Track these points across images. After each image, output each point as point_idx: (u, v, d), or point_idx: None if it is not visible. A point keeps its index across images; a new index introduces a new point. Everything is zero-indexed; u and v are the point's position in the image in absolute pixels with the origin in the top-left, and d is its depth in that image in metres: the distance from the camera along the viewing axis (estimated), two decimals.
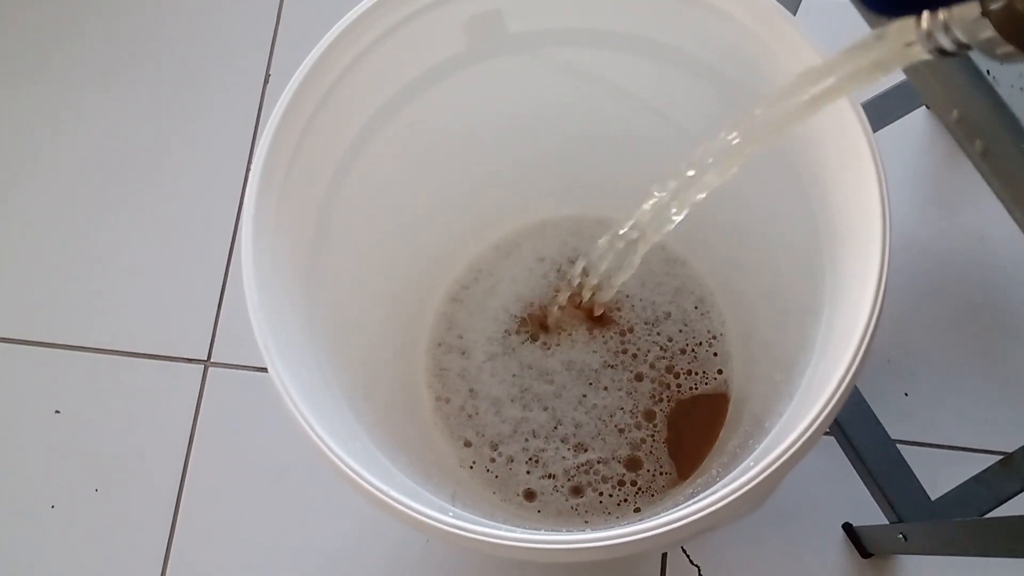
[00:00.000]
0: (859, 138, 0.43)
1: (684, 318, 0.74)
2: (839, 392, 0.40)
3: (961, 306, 0.82)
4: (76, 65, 0.93)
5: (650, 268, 0.75)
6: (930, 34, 0.29)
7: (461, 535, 0.41)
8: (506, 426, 0.72)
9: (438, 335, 0.75)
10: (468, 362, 0.74)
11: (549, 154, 0.69)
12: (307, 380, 0.47)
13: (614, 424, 0.72)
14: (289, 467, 0.79)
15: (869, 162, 0.43)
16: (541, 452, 0.71)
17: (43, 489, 0.80)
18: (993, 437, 0.78)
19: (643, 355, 0.74)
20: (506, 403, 0.73)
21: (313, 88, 0.50)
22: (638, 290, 0.75)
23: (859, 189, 0.43)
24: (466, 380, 0.74)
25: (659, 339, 0.74)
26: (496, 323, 0.75)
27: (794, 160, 0.52)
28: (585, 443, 0.72)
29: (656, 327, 0.74)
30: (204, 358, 0.83)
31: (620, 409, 0.72)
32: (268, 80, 0.91)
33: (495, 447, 0.72)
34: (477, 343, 0.75)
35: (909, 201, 0.85)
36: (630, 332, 0.74)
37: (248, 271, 0.46)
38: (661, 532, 0.39)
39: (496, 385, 0.73)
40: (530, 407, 0.73)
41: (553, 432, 0.72)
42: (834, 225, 0.48)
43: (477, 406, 0.73)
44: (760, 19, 0.48)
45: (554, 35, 0.57)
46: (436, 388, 0.74)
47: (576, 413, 0.72)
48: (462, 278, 0.77)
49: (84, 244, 0.87)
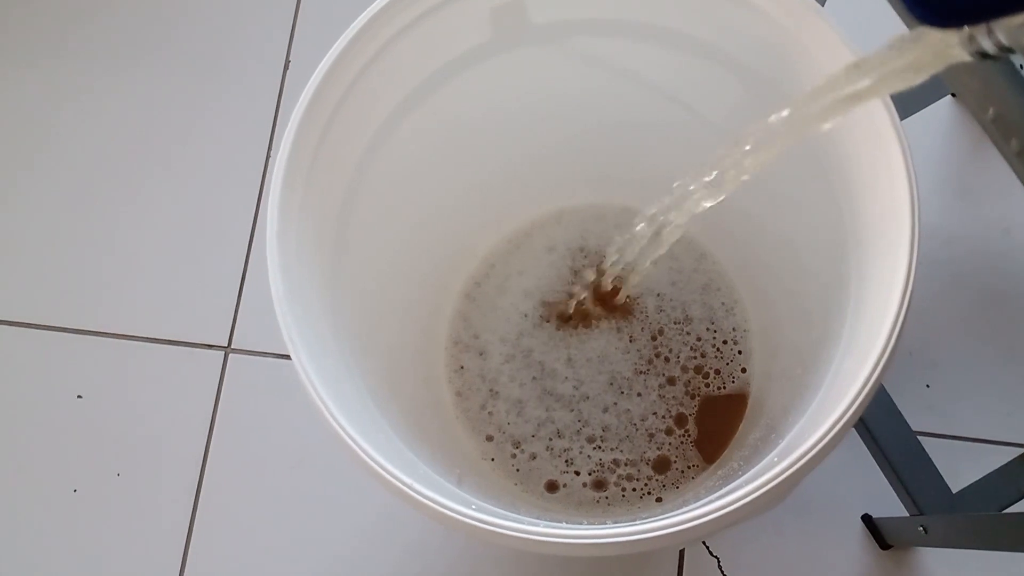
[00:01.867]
0: (889, 135, 0.43)
1: (711, 316, 0.74)
2: (865, 390, 0.40)
3: (984, 298, 0.81)
4: (95, 47, 0.93)
5: (679, 265, 0.75)
6: (972, 37, 0.29)
7: (483, 528, 0.41)
8: (529, 426, 0.72)
9: (455, 333, 0.75)
10: (486, 363, 0.74)
11: (570, 144, 0.68)
12: (331, 371, 0.47)
13: (645, 428, 0.71)
14: (309, 454, 0.80)
15: (899, 159, 0.42)
16: (566, 451, 0.71)
17: (65, 473, 0.81)
18: (1015, 430, 0.77)
19: (675, 357, 0.73)
20: (528, 404, 0.73)
21: (338, 79, 0.50)
22: (668, 289, 0.74)
23: (888, 186, 0.43)
24: (486, 381, 0.74)
25: (688, 339, 0.73)
26: (509, 323, 0.75)
27: (821, 155, 0.51)
28: (613, 445, 0.71)
29: (686, 327, 0.73)
30: (224, 344, 0.83)
31: (653, 414, 0.72)
32: (288, 66, 0.91)
33: (517, 444, 0.72)
34: (492, 343, 0.74)
35: (933, 191, 0.84)
36: (660, 335, 0.73)
37: (273, 262, 0.47)
38: (684, 528, 0.39)
39: (516, 388, 0.73)
40: (553, 408, 0.72)
41: (578, 434, 0.72)
42: (862, 221, 0.48)
43: (498, 406, 0.73)
44: (790, 13, 0.47)
45: (577, 25, 0.57)
46: (456, 384, 0.74)
47: (606, 416, 0.72)
48: (476, 273, 0.76)
49: (104, 230, 0.88)
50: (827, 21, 0.46)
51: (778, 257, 0.66)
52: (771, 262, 0.68)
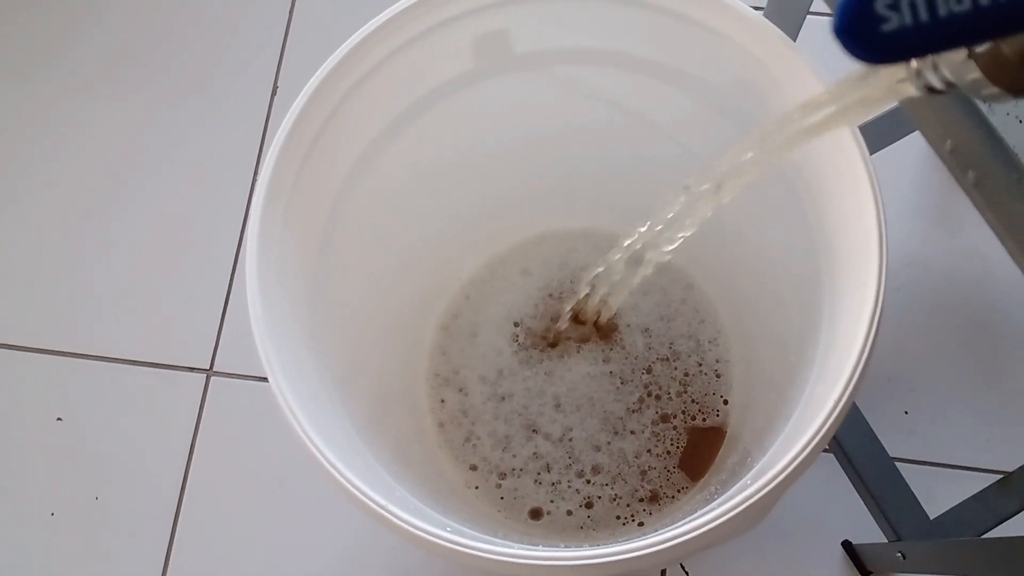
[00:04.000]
0: (857, 165, 0.44)
1: (699, 349, 0.74)
2: (836, 412, 0.41)
3: (962, 325, 0.82)
4: (83, 70, 0.94)
5: (667, 298, 0.75)
6: (919, 72, 0.30)
7: (458, 551, 0.41)
8: (516, 460, 0.72)
9: (434, 366, 0.75)
10: (467, 399, 0.74)
11: (551, 170, 0.69)
12: (307, 393, 0.47)
13: (638, 466, 0.71)
14: (289, 478, 0.80)
15: (867, 188, 0.43)
16: (554, 484, 0.71)
17: (44, 496, 0.81)
18: (993, 456, 0.78)
19: (666, 394, 0.73)
20: (514, 439, 0.72)
21: (321, 104, 0.51)
22: (656, 323, 0.75)
23: (857, 214, 0.43)
24: (468, 417, 0.73)
25: (676, 374, 0.73)
26: (487, 362, 0.74)
27: (795, 186, 0.52)
28: (603, 480, 0.71)
29: (674, 363, 0.74)
30: (207, 367, 0.83)
31: (647, 452, 0.71)
32: (276, 92, 0.92)
33: (503, 476, 0.72)
34: (471, 381, 0.74)
35: (912, 220, 0.86)
36: (647, 372, 0.73)
37: (252, 285, 0.47)
38: (658, 550, 0.40)
39: (501, 424, 0.73)
40: (540, 445, 0.72)
41: (567, 468, 0.71)
42: (833, 250, 0.49)
43: (482, 440, 0.72)
44: (762, 44, 0.48)
45: (559, 55, 0.58)
46: (439, 415, 0.73)
47: (598, 456, 0.72)
48: (452, 305, 0.76)
49: (87, 251, 0.88)
50: (796, 52, 0.47)
51: (757, 287, 0.67)
52: (750, 293, 0.69)
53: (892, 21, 0.26)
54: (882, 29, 0.26)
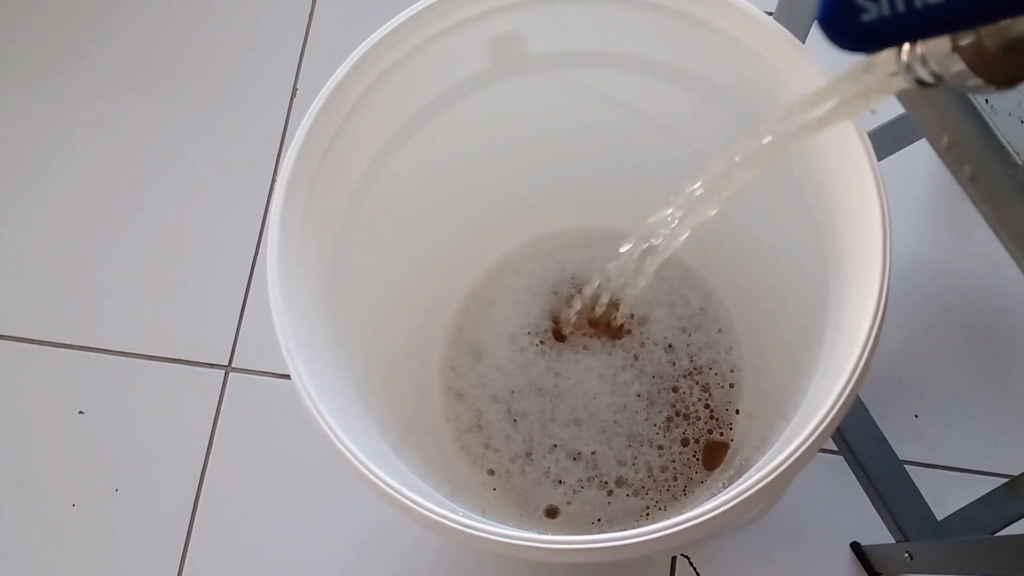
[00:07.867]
0: (863, 163, 0.45)
1: (716, 357, 0.74)
2: (837, 405, 0.41)
3: (973, 329, 0.82)
4: (104, 69, 0.95)
5: (689, 310, 0.75)
6: (909, 66, 0.31)
7: (469, 533, 0.42)
8: (536, 474, 0.73)
9: (446, 379, 0.75)
10: (482, 415, 0.74)
11: (562, 172, 0.70)
12: (329, 385, 0.48)
13: (664, 479, 0.72)
14: (306, 473, 0.81)
15: (872, 186, 0.44)
16: (575, 493, 0.72)
17: (64, 488, 0.82)
18: (1002, 460, 0.78)
19: (693, 412, 0.73)
20: (535, 455, 0.73)
21: (339, 104, 0.52)
22: (679, 337, 0.75)
23: (863, 213, 0.44)
24: (483, 431, 0.74)
25: (698, 383, 0.74)
26: (496, 381, 0.75)
27: (802, 185, 0.53)
28: (627, 492, 0.72)
29: (695, 377, 0.74)
30: (225, 363, 0.85)
31: (672, 463, 0.72)
32: (295, 94, 0.94)
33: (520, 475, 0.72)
34: (483, 400, 0.75)
35: (922, 224, 0.86)
36: (674, 392, 0.74)
37: (273, 276, 0.48)
38: (659, 536, 0.41)
39: (519, 443, 0.73)
40: (561, 462, 0.73)
41: (589, 481, 0.72)
42: (840, 249, 0.50)
43: (500, 451, 0.73)
44: (771, 46, 0.49)
45: (572, 57, 0.59)
46: (455, 425, 0.74)
47: (623, 471, 0.72)
48: (464, 305, 0.76)
49: (110, 249, 0.89)
50: (804, 53, 0.48)
51: (766, 291, 0.67)
52: (761, 298, 0.69)
53: (871, 11, 0.27)
54: (862, 19, 0.27)
